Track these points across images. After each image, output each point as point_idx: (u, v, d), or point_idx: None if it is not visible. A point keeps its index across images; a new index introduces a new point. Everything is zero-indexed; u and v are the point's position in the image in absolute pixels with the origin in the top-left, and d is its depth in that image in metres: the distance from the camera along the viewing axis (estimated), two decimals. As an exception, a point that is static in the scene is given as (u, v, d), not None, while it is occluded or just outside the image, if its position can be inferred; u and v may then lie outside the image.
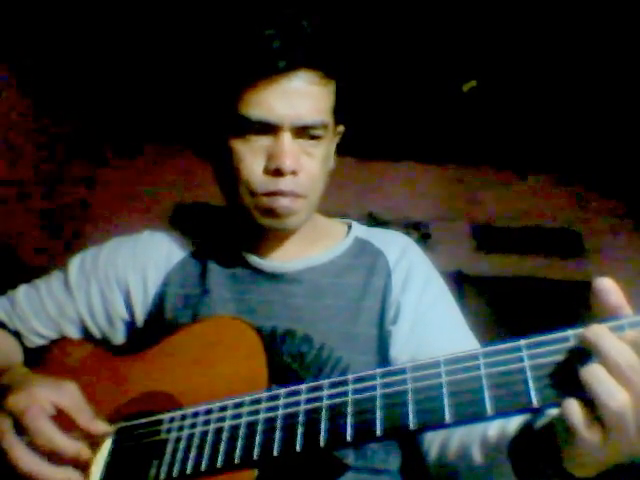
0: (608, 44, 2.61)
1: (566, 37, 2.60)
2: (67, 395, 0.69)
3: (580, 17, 2.47)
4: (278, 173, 0.79)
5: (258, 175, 0.80)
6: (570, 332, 0.47)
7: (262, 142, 0.79)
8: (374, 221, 3.21)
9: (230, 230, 0.95)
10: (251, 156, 0.80)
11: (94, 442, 0.71)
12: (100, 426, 0.70)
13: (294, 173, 0.80)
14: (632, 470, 0.47)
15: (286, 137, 0.78)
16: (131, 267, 0.94)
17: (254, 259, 0.90)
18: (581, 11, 2.43)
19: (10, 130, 2.73)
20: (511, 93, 3.02)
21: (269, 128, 0.78)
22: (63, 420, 0.67)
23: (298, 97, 0.77)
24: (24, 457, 0.63)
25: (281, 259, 0.91)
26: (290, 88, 0.76)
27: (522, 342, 0.49)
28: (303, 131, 0.80)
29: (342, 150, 0.94)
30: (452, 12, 2.50)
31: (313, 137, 0.81)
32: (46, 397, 0.67)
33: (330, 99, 0.83)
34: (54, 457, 0.64)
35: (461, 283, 2.97)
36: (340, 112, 0.86)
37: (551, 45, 2.65)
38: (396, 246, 0.94)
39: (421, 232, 3.28)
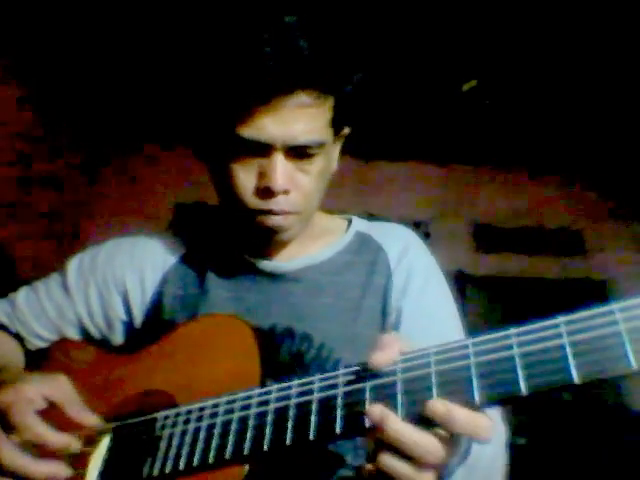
0: (608, 44, 2.61)
1: (565, 37, 2.59)
2: (57, 387, 0.69)
3: (579, 17, 2.47)
4: (269, 192, 0.78)
5: (250, 193, 0.79)
6: (560, 319, 0.47)
7: (255, 160, 0.78)
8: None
9: (228, 230, 0.95)
10: (244, 174, 0.78)
11: (91, 439, 0.71)
12: (90, 417, 0.70)
13: (286, 192, 0.78)
14: None
15: (279, 157, 0.77)
16: (129, 268, 0.94)
17: (253, 259, 0.90)
18: (581, 11, 2.43)
19: (10, 131, 2.73)
20: (511, 93, 3.02)
21: (262, 147, 0.76)
22: (55, 415, 0.67)
23: (292, 118, 0.75)
24: (8, 453, 0.63)
25: (280, 258, 0.90)
26: (284, 109, 0.74)
27: (512, 330, 0.49)
28: (297, 150, 0.78)
29: (342, 150, 0.93)
30: (452, 12, 2.50)
31: (308, 155, 0.79)
32: (35, 391, 0.67)
33: (327, 115, 0.80)
34: (44, 452, 0.64)
35: (461, 283, 2.97)
36: (340, 122, 0.84)
37: (551, 45, 2.65)
38: (397, 241, 0.93)
39: (421, 232, 3.28)
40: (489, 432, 0.46)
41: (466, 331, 0.89)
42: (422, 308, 0.85)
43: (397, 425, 0.49)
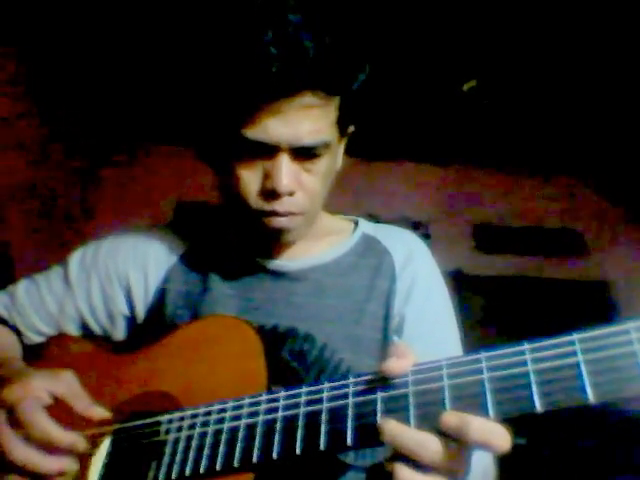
0: (608, 43, 2.61)
1: (565, 37, 2.59)
2: (63, 383, 0.69)
3: (580, 17, 2.47)
4: (274, 194, 0.77)
5: (254, 195, 0.78)
6: (575, 336, 0.47)
7: (260, 162, 0.77)
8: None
9: (232, 229, 0.95)
10: (248, 175, 0.78)
11: (93, 441, 0.71)
12: (98, 411, 0.69)
13: (291, 193, 0.78)
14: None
15: (284, 158, 0.76)
16: (132, 263, 0.93)
17: (257, 257, 0.90)
18: (581, 11, 2.43)
19: (10, 130, 2.72)
20: (511, 93, 3.02)
21: (267, 148, 0.75)
22: (61, 410, 0.66)
23: (297, 119, 0.73)
24: (17, 448, 0.62)
25: (285, 257, 0.90)
26: (289, 110, 0.73)
27: (525, 346, 0.48)
28: (303, 151, 0.77)
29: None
30: (452, 12, 2.50)
31: (314, 155, 0.78)
32: (42, 386, 0.66)
33: (333, 115, 0.79)
34: (50, 449, 0.63)
35: (460, 282, 2.97)
36: (346, 121, 0.83)
37: (551, 45, 2.65)
38: (403, 246, 0.93)
39: (421, 232, 3.28)
40: (505, 440, 0.45)
41: (466, 331, 0.89)
42: (425, 316, 0.85)
43: (407, 433, 0.49)
